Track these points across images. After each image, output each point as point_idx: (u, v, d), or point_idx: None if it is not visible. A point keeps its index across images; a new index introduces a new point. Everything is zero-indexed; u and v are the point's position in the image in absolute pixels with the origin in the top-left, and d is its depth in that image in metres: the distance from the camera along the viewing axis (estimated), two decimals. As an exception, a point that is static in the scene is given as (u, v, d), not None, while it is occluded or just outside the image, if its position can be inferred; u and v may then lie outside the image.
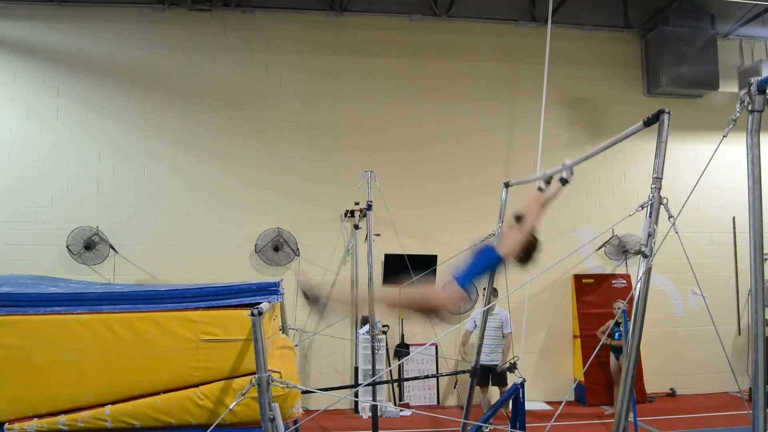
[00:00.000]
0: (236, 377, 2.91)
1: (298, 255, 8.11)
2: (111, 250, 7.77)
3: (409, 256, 7.58)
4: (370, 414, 6.50)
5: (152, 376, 2.88)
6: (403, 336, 8.25)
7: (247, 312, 2.83)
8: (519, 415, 4.78)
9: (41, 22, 8.08)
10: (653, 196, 2.62)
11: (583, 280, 8.59)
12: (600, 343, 7.52)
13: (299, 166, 8.31)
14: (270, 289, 3.08)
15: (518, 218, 3.70)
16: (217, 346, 2.91)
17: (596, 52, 9.10)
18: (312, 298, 3.19)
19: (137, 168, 8.07)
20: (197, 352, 2.89)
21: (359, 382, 7.66)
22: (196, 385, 2.90)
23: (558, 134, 8.36)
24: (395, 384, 8.03)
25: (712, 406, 7.83)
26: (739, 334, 8.78)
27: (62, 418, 2.82)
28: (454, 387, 8.18)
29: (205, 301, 2.98)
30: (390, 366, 7.95)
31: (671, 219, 2.60)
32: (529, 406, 6.29)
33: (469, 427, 5.47)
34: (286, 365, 3.32)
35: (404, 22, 8.78)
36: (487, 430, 4.65)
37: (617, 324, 7.28)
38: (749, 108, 2.35)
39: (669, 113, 2.66)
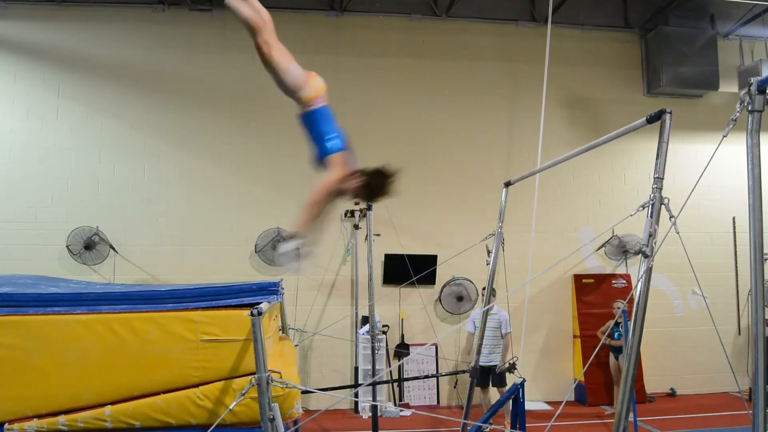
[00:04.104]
0: (236, 377, 2.91)
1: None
2: (111, 250, 7.77)
3: (409, 256, 7.59)
4: (370, 414, 6.50)
5: (152, 377, 2.88)
6: (403, 336, 8.25)
7: (246, 312, 2.83)
8: (519, 415, 4.78)
9: (41, 22, 8.07)
10: (654, 196, 2.63)
11: (583, 280, 8.59)
12: (600, 343, 7.53)
13: (299, 166, 8.20)
14: (270, 289, 3.08)
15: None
16: (216, 346, 2.91)
17: (596, 52, 9.10)
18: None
19: (137, 168, 8.07)
20: (197, 352, 2.89)
21: (359, 382, 7.66)
22: (196, 386, 2.90)
23: (558, 134, 8.36)
24: (395, 384, 8.03)
25: (712, 406, 7.83)
26: (739, 334, 8.77)
27: (62, 419, 2.81)
28: (454, 387, 8.18)
29: (205, 301, 2.98)
30: (390, 366, 7.95)
31: (672, 219, 2.60)
32: (529, 406, 6.29)
33: (469, 427, 5.47)
34: (286, 365, 3.32)
35: (404, 22, 8.78)
36: (487, 430, 4.65)
37: (617, 324, 7.28)
38: (749, 108, 2.35)
39: (670, 113, 2.66)
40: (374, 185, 3.55)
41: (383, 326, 8.00)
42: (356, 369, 7.93)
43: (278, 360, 3.33)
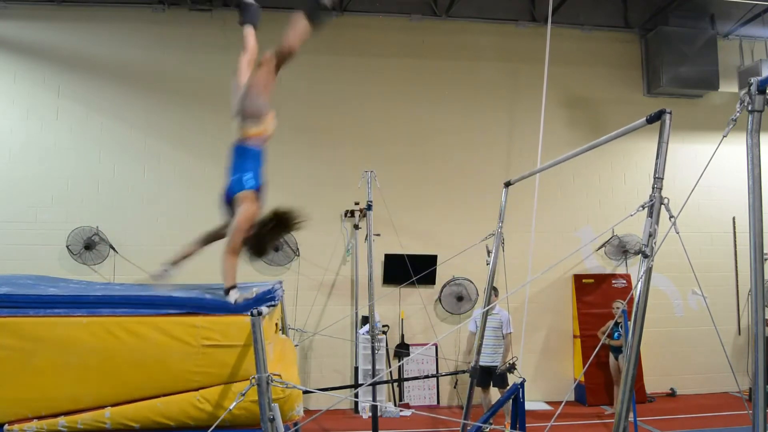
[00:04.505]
0: (236, 382, 2.91)
1: (298, 255, 8.11)
2: (111, 250, 7.77)
3: (409, 256, 7.59)
4: (370, 414, 6.50)
5: (152, 381, 2.87)
6: (403, 336, 8.25)
7: (248, 318, 2.84)
8: (519, 415, 4.78)
9: (41, 22, 8.07)
10: (654, 196, 2.63)
11: (583, 280, 8.59)
12: (600, 343, 7.53)
13: (299, 166, 8.30)
14: (267, 298, 3.08)
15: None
16: (217, 352, 2.91)
17: (596, 52, 9.10)
18: None
19: (137, 168, 8.07)
20: (198, 357, 2.89)
21: (359, 382, 7.66)
22: (197, 390, 2.89)
23: (558, 134, 8.36)
24: (395, 384, 8.03)
25: (712, 406, 7.83)
26: (739, 334, 8.77)
27: (62, 420, 2.81)
28: (454, 387, 8.18)
29: (205, 310, 2.98)
30: (390, 366, 7.95)
31: (672, 219, 2.60)
32: (529, 406, 6.29)
33: (469, 427, 5.46)
34: (287, 368, 3.32)
35: (404, 22, 8.78)
36: (487, 430, 4.65)
37: (617, 324, 7.28)
38: (749, 108, 2.35)
39: (670, 113, 2.66)
40: (264, 237, 3.39)
41: (383, 326, 8.00)
42: (356, 369, 7.93)
43: (279, 364, 3.32)
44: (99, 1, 8.17)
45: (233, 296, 3.05)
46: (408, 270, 7.16)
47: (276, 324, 3.87)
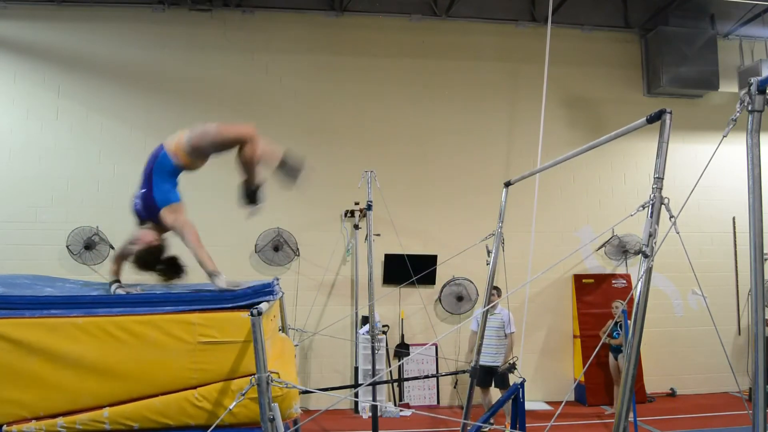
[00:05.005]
0: (234, 379, 2.90)
1: (298, 255, 8.11)
2: (111, 250, 7.76)
3: (409, 256, 7.58)
4: (370, 414, 6.50)
5: (150, 379, 2.86)
6: (403, 336, 8.25)
7: (245, 314, 2.83)
8: (519, 415, 4.78)
9: (41, 22, 8.07)
10: (654, 196, 2.62)
11: (583, 280, 8.59)
12: (600, 343, 7.53)
13: (299, 166, 8.29)
14: (265, 291, 3.08)
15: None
16: (215, 348, 2.90)
17: (596, 52, 9.10)
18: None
19: (137, 168, 7.92)
20: (195, 354, 2.88)
21: (359, 382, 7.66)
22: (194, 388, 2.89)
23: (558, 134, 8.36)
24: (395, 384, 8.03)
25: (712, 406, 7.83)
26: (739, 334, 8.77)
27: (60, 420, 2.80)
28: (454, 387, 8.17)
29: (202, 304, 2.98)
30: (390, 366, 7.95)
31: (672, 219, 2.59)
32: (529, 406, 6.29)
33: (469, 427, 5.46)
34: (285, 365, 3.32)
35: (404, 22, 8.78)
36: (487, 430, 4.65)
37: (617, 324, 7.28)
38: (749, 108, 2.34)
39: (670, 113, 2.66)
40: (152, 262, 3.63)
41: (383, 326, 8.00)
42: (356, 369, 7.93)
43: (276, 361, 3.32)
44: (99, 1, 8.17)
45: (222, 279, 3.09)
46: (408, 270, 7.15)
47: (273, 320, 3.85)
